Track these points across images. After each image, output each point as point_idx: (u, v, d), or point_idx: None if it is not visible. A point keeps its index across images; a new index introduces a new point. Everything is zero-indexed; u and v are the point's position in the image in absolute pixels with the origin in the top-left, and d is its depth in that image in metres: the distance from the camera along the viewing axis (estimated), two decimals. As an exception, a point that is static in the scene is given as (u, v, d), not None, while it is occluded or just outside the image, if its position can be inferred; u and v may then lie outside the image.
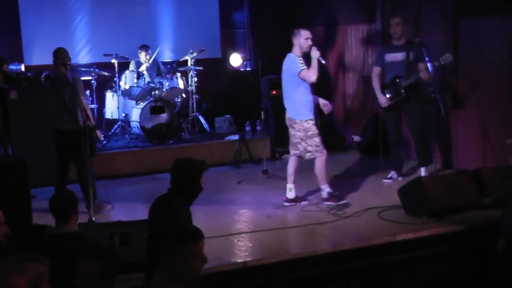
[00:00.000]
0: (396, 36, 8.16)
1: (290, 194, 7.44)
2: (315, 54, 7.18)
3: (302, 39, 7.25)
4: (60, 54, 7.41)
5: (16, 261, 3.22)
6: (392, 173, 8.50)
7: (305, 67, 7.19)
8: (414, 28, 9.14)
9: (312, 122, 7.32)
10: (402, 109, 8.24)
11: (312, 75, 7.16)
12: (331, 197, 7.33)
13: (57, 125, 7.41)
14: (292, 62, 7.26)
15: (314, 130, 7.29)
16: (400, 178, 8.37)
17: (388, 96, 8.18)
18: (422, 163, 8.26)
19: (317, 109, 7.58)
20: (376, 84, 8.32)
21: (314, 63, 7.17)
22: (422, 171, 8.15)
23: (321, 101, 7.50)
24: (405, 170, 8.66)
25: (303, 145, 7.31)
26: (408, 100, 8.08)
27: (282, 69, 7.42)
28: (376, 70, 8.38)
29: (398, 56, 8.13)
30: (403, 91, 8.03)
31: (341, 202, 7.28)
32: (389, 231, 6.31)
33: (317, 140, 7.26)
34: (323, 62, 7.50)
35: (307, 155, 7.33)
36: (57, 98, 7.22)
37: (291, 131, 7.45)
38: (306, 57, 7.31)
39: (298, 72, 7.20)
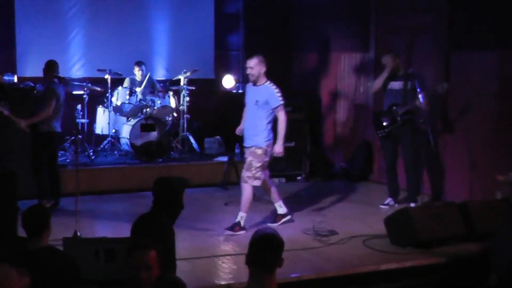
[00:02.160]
0: (392, 73, 8.28)
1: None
2: None
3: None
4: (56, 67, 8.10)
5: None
6: (389, 200, 8.55)
7: None
8: (407, 58, 9.22)
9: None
10: (398, 137, 8.31)
11: None
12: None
13: (54, 128, 8.01)
14: None
15: None
16: (396, 205, 8.39)
17: (385, 123, 8.28)
18: (410, 198, 8.28)
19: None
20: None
21: None
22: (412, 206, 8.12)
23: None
24: (401, 198, 8.65)
25: None
26: (403, 128, 8.16)
27: None
28: None
29: (396, 84, 8.26)
30: (399, 118, 8.14)
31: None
32: (373, 259, 6.33)
33: None
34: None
35: None
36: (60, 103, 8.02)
37: None
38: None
39: None
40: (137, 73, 10.69)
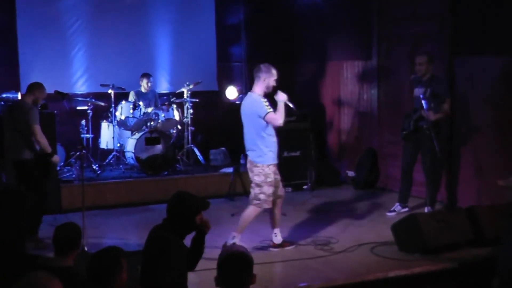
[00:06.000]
0: (420, 74, 8.30)
1: (276, 239, 7.12)
2: (282, 97, 6.84)
3: (272, 79, 6.85)
4: (35, 89, 7.47)
5: None
6: (396, 205, 8.54)
7: (271, 109, 6.78)
8: (410, 65, 9.23)
9: (274, 168, 6.93)
10: (421, 142, 8.27)
11: (279, 118, 6.74)
12: None
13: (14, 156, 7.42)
14: (257, 103, 6.83)
15: (272, 178, 6.88)
16: (403, 210, 8.37)
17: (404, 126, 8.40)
18: (428, 202, 8.20)
19: None
20: None
21: (281, 106, 6.79)
22: (426, 210, 8.04)
23: None
24: (410, 205, 8.65)
25: (256, 191, 6.89)
26: (417, 133, 8.18)
27: (243, 109, 7.05)
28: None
29: (420, 91, 8.19)
30: (411, 124, 8.19)
31: None
32: (382, 267, 6.31)
33: (270, 190, 6.87)
34: (292, 106, 7.06)
35: (254, 202, 6.90)
36: (12, 128, 7.39)
37: (250, 175, 7.04)
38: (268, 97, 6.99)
39: (264, 115, 6.76)
40: (144, 85, 10.72)
